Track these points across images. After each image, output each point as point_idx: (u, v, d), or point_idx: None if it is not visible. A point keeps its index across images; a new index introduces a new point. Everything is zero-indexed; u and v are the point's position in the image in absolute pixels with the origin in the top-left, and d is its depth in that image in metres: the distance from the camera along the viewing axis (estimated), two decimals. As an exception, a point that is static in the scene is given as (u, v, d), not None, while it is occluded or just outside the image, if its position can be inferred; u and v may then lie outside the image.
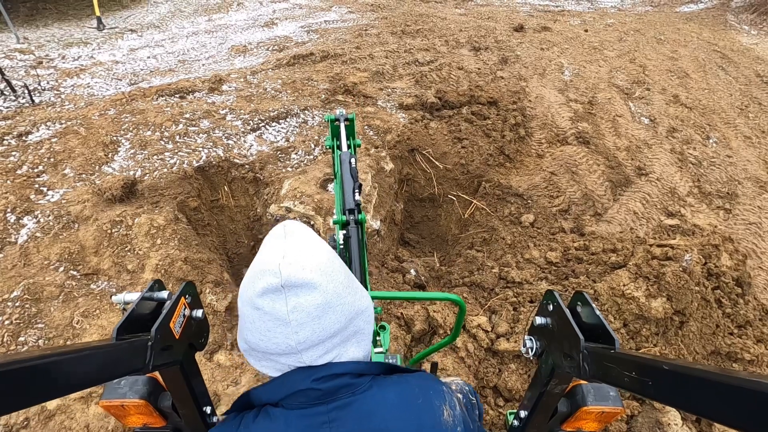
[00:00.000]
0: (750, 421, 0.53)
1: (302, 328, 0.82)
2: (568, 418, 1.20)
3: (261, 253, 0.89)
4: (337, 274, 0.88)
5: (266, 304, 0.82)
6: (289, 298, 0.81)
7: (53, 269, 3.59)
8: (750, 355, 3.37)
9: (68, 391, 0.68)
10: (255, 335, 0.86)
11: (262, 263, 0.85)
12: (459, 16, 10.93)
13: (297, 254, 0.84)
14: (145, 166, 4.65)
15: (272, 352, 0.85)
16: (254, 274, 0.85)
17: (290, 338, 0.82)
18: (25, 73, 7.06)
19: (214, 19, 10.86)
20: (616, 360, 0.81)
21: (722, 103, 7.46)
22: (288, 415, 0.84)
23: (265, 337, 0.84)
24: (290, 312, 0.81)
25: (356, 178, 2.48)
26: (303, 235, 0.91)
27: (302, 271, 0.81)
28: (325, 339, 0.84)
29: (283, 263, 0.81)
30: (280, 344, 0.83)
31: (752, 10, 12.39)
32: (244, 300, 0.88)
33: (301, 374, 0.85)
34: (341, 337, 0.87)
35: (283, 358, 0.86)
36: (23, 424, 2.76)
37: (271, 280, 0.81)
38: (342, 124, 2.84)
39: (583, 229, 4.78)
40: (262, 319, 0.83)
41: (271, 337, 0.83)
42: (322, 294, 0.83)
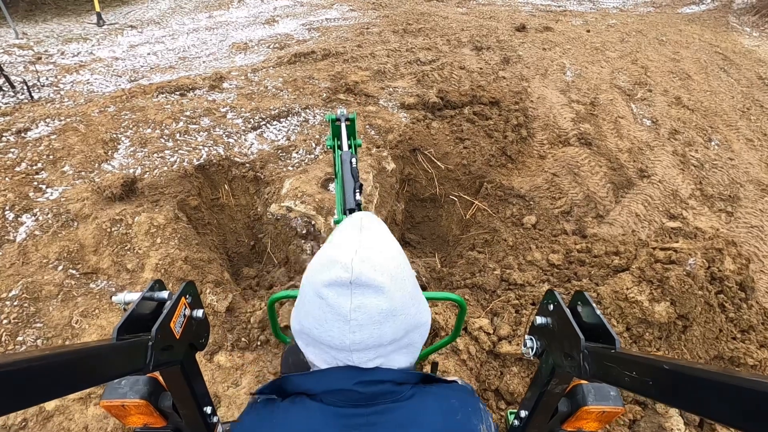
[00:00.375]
0: (751, 421, 0.53)
1: (360, 330, 0.80)
2: (568, 417, 1.20)
3: (333, 239, 0.89)
4: (406, 283, 0.87)
5: (331, 296, 0.80)
6: (355, 297, 0.79)
7: (52, 268, 3.56)
8: (753, 360, 3.35)
9: (68, 391, 0.67)
10: (311, 321, 0.85)
11: (334, 252, 0.84)
12: (461, 15, 10.91)
13: (370, 252, 0.82)
14: (145, 164, 4.63)
15: (324, 342, 0.84)
16: (325, 261, 0.84)
17: (346, 336, 0.81)
18: (24, 69, 7.03)
19: (214, 16, 10.84)
20: (616, 360, 0.81)
21: (724, 105, 7.44)
22: (325, 410, 0.84)
23: (321, 326, 0.83)
24: (353, 310, 0.79)
25: (357, 178, 2.46)
26: (378, 232, 0.90)
27: (373, 272, 0.80)
28: (380, 345, 0.83)
29: (356, 259, 0.80)
30: (334, 338, 0.82)
31: (754, 12, 12.38)
32: (310, 285, 0.86)
33: (347, 373, 0.84)
34: (395, 346, 0.86)
35: (332, 351, 0.85)
36: (21, 425, 2.73)
37: (341, 274, 0.79)
38: (343, 123, 2.81)
39: (585, 231, 4.76)
40: (323, 309, 0.82)
41: (328, 329, 0.82)
42: (388, 300, 0.81)
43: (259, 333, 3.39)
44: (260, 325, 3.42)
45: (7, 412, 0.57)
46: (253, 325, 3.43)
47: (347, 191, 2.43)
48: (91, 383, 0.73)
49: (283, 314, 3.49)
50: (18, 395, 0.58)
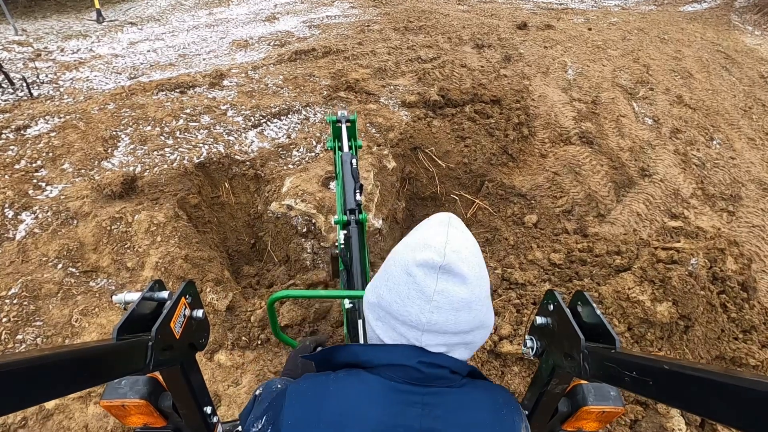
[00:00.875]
0: (751, 421, 0.53)
1: (439, 312, 0.85)
2: (568, 417, 1.21)
3: (422, 230, 0.95)
4: (485, 282, 0.92)
5: (419, 274, 0.86)
6: (441, 280, 0.85)
7: (52, 266, 3.55)
8: (755, 361, 3.34)
9: (68, 391, 0.67)
10: (392, 295, 0.90)
11: (426, 237, 0.90)
12: (462, 13, 10.89)
13: (459, 245, 0.88)
14: (145, 162, 4.61)
15: (399, 317, 0.88)
16: (417, 243, 0.90)
17: (424, 314, 0.85)
18: (24, 66, 7.01)
19: (214, 13, 10.82)
20: (616, 360, 0.81)
21: (726, 104, 7.43)
22: (383, 384, 0.87)
23: (401, 301, 0.88)
24: (436, 292, 0.84)
25: (357, 179, 2.48)
26: (464, 231, 0.95)
27: (461, 262, 0.86)
28: (450, 332, 0.87)
29: (447, 247, 0.86)
30: (411, 314, 0.86)
31: (756, 10, 12.36)
32: (399, 262, 0.91)
33: (412, 352, 0.88)
34: (461, 339, 0.90)
35: (404, 328, 0.88)
36: (21, 423, 2.72)
37: (433, 256, 0.85)
38: (343, 125, 2.84)
39: (586, 231, 4.75)
40: (408, 285, 0.87)
41: (408, 304, 0.87)
42: (469, 291, 0.86)
43: (259, 332, 3.39)
44: (261, 324, 3.41)
45: (7, 412, 0.56)
46: (253, 323, 3.42)
47: (348, 191, 2.44)
48: (91, 383, 0.73)
49: (283, 313, 3.49)
50: (18, 395, 0.58)
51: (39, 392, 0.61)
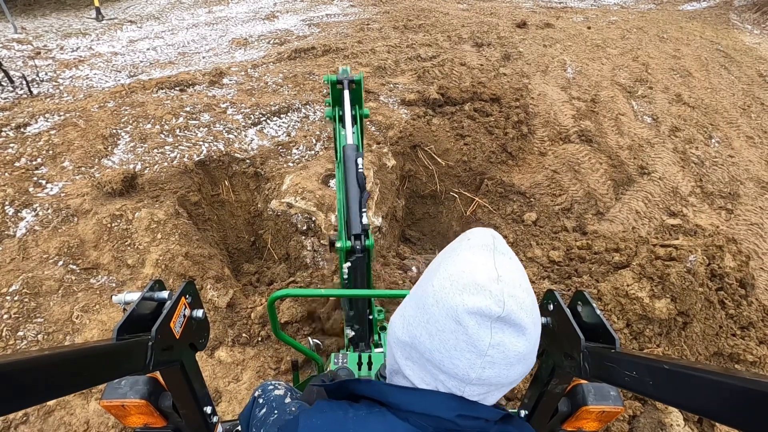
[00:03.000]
0: (750, 420, 0.53)
1: (492, 368, 0.74)
2: (568, 417, 1.20)
3: (464, 256, 0.80)
4: (539, 322, 0.81)
5: (471, 325, 0.73)
6: (496, 332, 0.73)
7: (52, 263, 3.55)
8: (753, 357, 3.36)
9: (68, 391, 0.67)
10: (435, 342, 0.77)
11: (473, 272, 0.76)
12: (461, 12, 10.87)
13: (514, 283, 0.76)
14: (145, 160, 4.62)
15: (441, 367, 0.77)
16: (464, 280, 0.76)
17: (473, 370, 0.75)
18: (23, 64, 7.00)
19: (214, 11, 10.80)
20: (616, 359, 0.81)
21: (725, 102, 7.43)
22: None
23: (446, 352, 0.76)
24: (491, 346, 0.73)
25: (363, 186, 2.13)
26: (512, 257, 0.82)
27: (520, 310, 0.74)
28: (497, 385, 0.78)
29: (506, 293, 0.73)
30: (458, 368, 0.75)
31: (755, 9, 12.34)
32: (443, 304, 0.77)
33: (451, 402, 0.78)
34: (507, 387, 0.81)
35: (443, 376, 0.78)
36: (23, 419, 2.73)
37: (490, 305, 0.72)
38: (346, 88, 2.36)
39: (585, 228, 4.76)
40: (456, 335, 0.74)
41: (455, 356, 0.75)
42: (527, 343, 0.76)
43: (259, 328, 3.40)
44: (261, 321, 3.43)
45: (7, 412, 0.56)
46: (253, 320, 3.44)
47: (352, 208, 2.09)
48: (92, 383, 0.73)
49: (283, 310, 3.50)
50: (18, 395, 0.58)
51: (39, 392, 0.61)
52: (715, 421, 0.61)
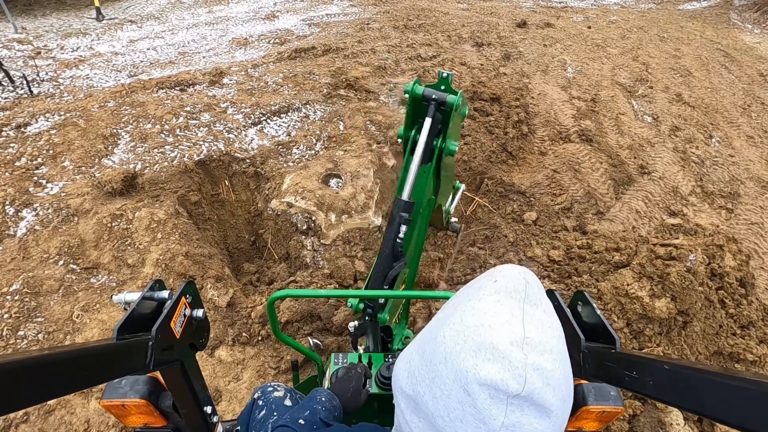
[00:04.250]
0: (750, 420, 0.53)
1: None
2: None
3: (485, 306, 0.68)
4: (570, 402, 0.68)
5: (482, 399, 0.61)
6: (513, 411, 0.61)
7: (53, 263, 3.56)
8: (753, 356, 3.36)
9: (68, 391, 0.68)
10: (437, 406, 0.66)
11: (493, 331, 0.64)
12: (461, 11, 10.87)
13: (543, 348, 0.63)
14: (145, 160, 4.62)
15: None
16: (481, 344, 0.63)
17: None
18: (24, 64, 7.00)
19: (214, 11, 10.80)
20: (616, 359, 0.81)
21: (725, 102, 7.43)
22: None
23: (451, 422, 0.64)
24: (504, 427, 0.61)
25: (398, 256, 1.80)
26: (547, 308, 0.70)
27: (546, 386, 0.61)
28: None
29: (530, 365, 0.61)
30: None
31: (756, 8, 12.33)
32: (452, 365, 0.65)
33: None
34: None
35: None
36: (23, 418, 2.74)
37: (507, 380, 0.60)
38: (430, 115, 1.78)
39: (585, 228, 4.76)
40: (463, 406, 0.63)
41: (459, 428, 0.64)
42: (551, 426, 0.62)
43: (260, 328, 3.40)
44: (261, 320, 3.43)
45: (7, 411, 0.57)
46: (254, 320, 3.44)
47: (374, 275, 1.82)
48: (92, 383, 0.73)
49: (283, 310, 3.50)
50: (19, 395, 0.58)
51: (40, 392, 0.61)
52: (715, 421, 0.61)
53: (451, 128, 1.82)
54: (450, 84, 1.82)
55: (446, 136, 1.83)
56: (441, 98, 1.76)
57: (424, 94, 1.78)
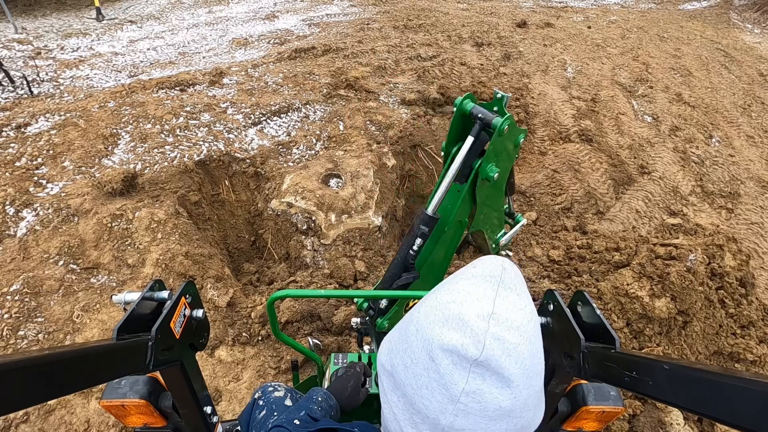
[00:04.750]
0: (750, 420, 0.53)
1: (466, 418, 0.64)
2: (568, 417, 1.20)
3: (462, 285, 0.72)
4: (538, 379, 0.69)
5: (444, 364, 0.65)
6: (474, 378, 0.63)
7: (53, 263, 3.56)
8: (753, 356, 3.36)
9: (68, 391, 0.68)
10: (408, 375, 0.70)
11: (464, 304, 0.67)
12: (461, 11, 10.87)
13: (508, 325, 0.65)
14: (145, 160, 4.62)
15: (414, 405, 0.69)
16: (449, 315, 0.67)
17: (444, 416, 0.65)
18: (24, 64, 7.01)
19: (214, 11, 10.80)
20: (616, 359, 0.81)
21: (725, 102, 7.43)
22: None
23: (418, 389, 0.68)
24: (465, 393, 0.63)
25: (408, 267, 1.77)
26: (520, 295, 0.72)
27: (507, 358, 0.63)
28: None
29: (491, 333, 0.64)
30: (428, 408, 0.67)
31: (756, 8, 12.33)
32: (421, 333, 0.70)
33: None
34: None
35: (418, 418, 0.69)
36: (23, 418, 2.74)
37: (468, 346, 0.63)
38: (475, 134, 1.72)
39: (585, 228, 4.76)
40: (429, 373, 0.67)
41: (425, 395, 0.67)
42: (511, 398, 0.64)
43: (260, 328, 3.40)
44: (261, 320, 3.43)
45: (10, 411, 0.57)
46: (254, 320, 3.44)
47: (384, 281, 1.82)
48: (92, 383, 0.73)
49: (283, 310, 3.50)
50: (18, 395, 0.58)
51: (40, 392, 0.61)
52: (715, 420, 0.61)
53: (492, 152, 1.71)
54: (504, 106, 1.74)
55: (486, 159, 1.72)
56: (487, 118, 1.68)
57: (472, 111, 1.72)
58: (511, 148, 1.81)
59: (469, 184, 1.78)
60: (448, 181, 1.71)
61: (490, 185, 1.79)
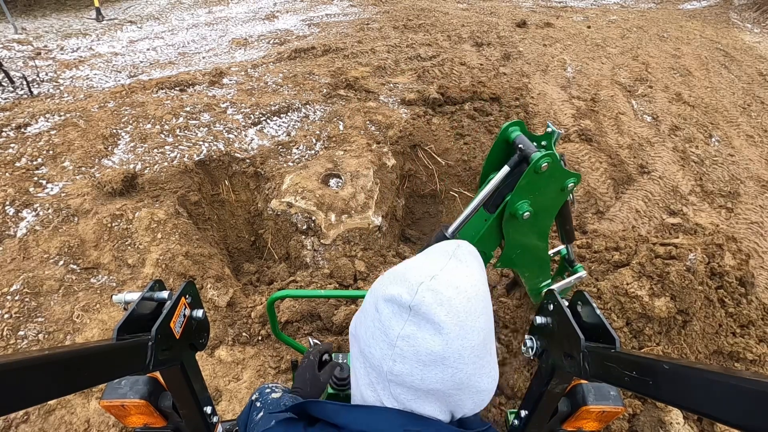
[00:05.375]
0: (750, 419, 0.53)
1: (403, 362, 0.71)
2: (568, 417, 1.20)
3: (420, 256, 0.81)
4: (474, 335, 0.72)
5: (385, 312, 0.73)
6: (408, 325, 0.70)
7: (53, 263, 3.56)
8: (752, 355, 3.36)
9: (68, 391, 0.68)
10: (360, 330, 0.80)
11: (409, 270, 0.76)
12: (461, 11, 10.87)
13: (447, 284, 0.71)
14: (145, 160, 4.62)
15: (367, 357, 0.77)
16: (396, 275, 0.77)
17: (385, 361, 0.72)
18: (24, 64, 7.01)
19: (214, 12, 10.80)
20: (616, 359, 0.81)
21: (725, 101, 7.42)
22: None
23: (366, 340, 0.76)
24: (400, 337, 0.70)
25: None
26: (470, 266, 0.78)
27: (437, 305, 0.69)
28: (420, 390, 0.72)
29: (426, 285, 0.70)
30: (374, 357, 0.74)
31: (755, 8, 12.32)
32: (372, 293, 0.80)
33: (395, 419, 0.73)
34: (437, 398, 0.74)
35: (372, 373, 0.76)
36: (23, 418, 2.74)
37: (402, 293, 0.71)
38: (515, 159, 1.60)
39: (585, 227, 4.76)
40: (374, 323, 0.75)
41: (372, 344, 0.75)
42: (443, 344, 0.69)
43: (260, 328, 3.40)
44: (261, 320, 3.43)
45: (8, 411, 0.57)
46: (254, 319, 3.44)
47: None
48: (92, 383, 0.73)
49: (283, 309, 3.50)
50: (18, 395, 0.58)
51: (40, 392, 0.61)
52: (715, 420, 0.61)
53: (525, 188, 1.58)
54: (552, 142, 1.63)
55: (516, 193, 1.59)
56: (527, 151, 1.56)
57: (515, 139, 1.62)
58: (556, 191, 1.65)
59: (496, 215, 1.68)
60: (473, 206, 1.64)
61: (520, 224, 1.65)
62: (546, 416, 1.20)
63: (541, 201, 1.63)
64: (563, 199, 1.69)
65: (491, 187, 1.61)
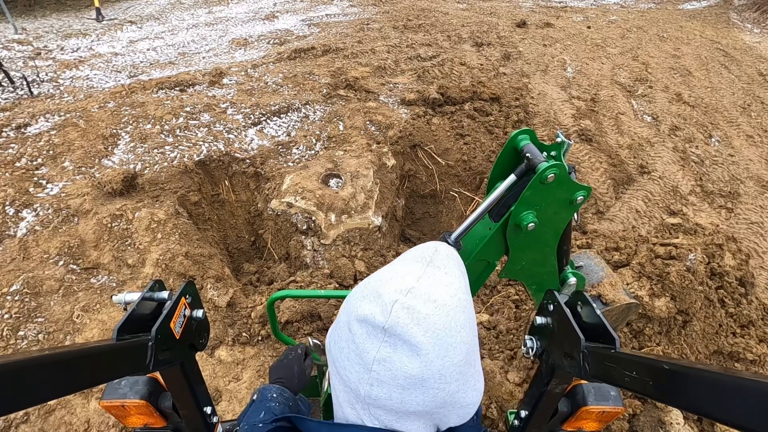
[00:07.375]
0: (750, 419, 0.53)
1: (380, 387, 0.66)
2: (568, 417, 1.20)
3: (395, 265, 0.75)
4: (456, 351, 0.68)
5: (359, 334, 0.68)
6: (384, 347, 0.65)
7: (53, 263, 3.56)
8: (752, 355, 3.36)
9: (68, 391, 0.68)
10: (334, 350, 0.74)
11: (383, 284, 0.70)
12: (461, 11, 10.87)
13: (424, 298, 0.66)
14: (145, 160, 4.62)
15: (343, 378, 0.72)
16: (370, 290, 0.71)
17: (362, 385, 0.67)
18: (24, 65, 7.01)
19: (214, 12, 10.80)
20: (616, 360, 0.80)
21: (725, 101, 7.43)
22: None
23: (341, 362, 0.71)
24: (376, 361, 0.65)
25: None
26: (448, 274, 0.73)
27: (414, 326, 0.64)
28: (401, 412, 0.68)
29: (401, 302, 0.65)
30: (350, 380, 0.69)
31: (755, 8, 12.33)
32: (346, 309, 0.74)
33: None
34: (419, 416, 0.70)
35: (351, 394, 0.71)
36: (23, 419, 2.74)
37: (375, 313, 0.66)
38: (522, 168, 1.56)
39: (585, 227, 4.76)
40: (348, 344, 0.70)
41: (347, 367, 0.69)
42: (422, 366, 0.65)
43: (260, 328, 3.40)
44: (261, 320, 3.43)
45: (8, 412, 0.56)
46: (253, 320, 3.44)
47: None
48: (92, 383, 0.73)
49: (283, 309, 3.50)
50: (18, 395, 0.58)
51: (40, 392, 0.61)
52: (715, 420, 0.61)
53: (529, 198, 1.52)
54: (562, 153, 1.57)
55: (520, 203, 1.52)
56: (535, 160, 1.49)
57: (523, 148, 1.55)
58: (563, 204, 1.57)
59: (500, 225, 1.61)
60: (477, 213, 1.57)
61: (524, 235, 1.59)
62: (546, 416, 1.20)
63: (547, 213, 1.58)
64: (572, 212, 1.62)
65: (496, 195, 1.55)
